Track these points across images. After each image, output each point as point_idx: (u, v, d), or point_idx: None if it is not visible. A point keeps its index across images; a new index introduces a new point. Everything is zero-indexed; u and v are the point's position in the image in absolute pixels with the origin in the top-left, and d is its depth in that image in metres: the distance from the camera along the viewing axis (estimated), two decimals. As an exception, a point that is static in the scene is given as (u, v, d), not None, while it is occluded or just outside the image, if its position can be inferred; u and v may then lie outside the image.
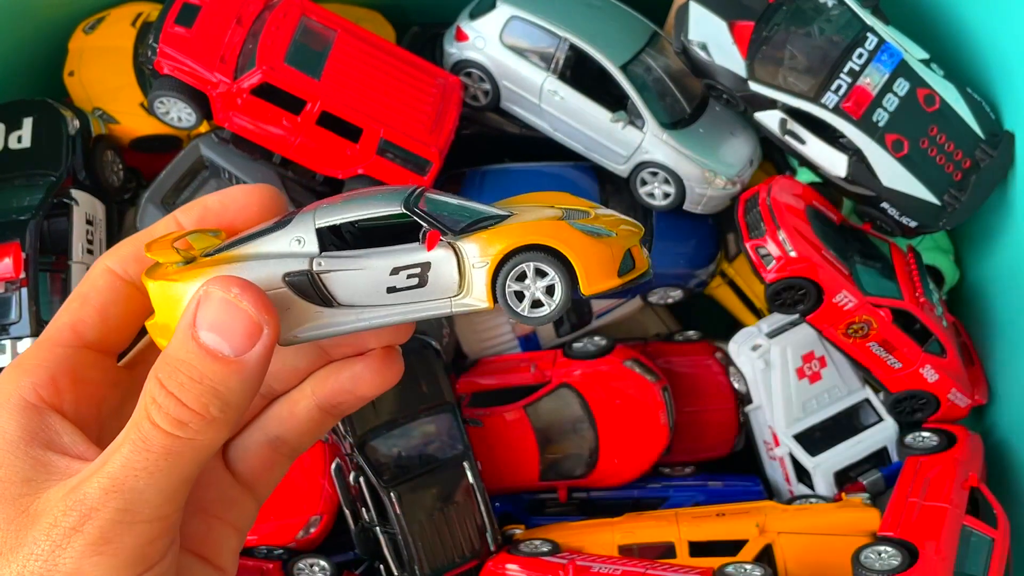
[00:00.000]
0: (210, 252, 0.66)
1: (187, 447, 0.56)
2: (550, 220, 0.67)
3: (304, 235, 0.65)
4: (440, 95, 1.71)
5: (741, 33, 1.61)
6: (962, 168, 1.62)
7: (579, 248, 0.65)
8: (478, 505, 1.56)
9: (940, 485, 1.51)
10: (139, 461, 0.56)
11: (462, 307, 0.66)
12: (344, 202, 0.67)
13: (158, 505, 0.57)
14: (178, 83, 1.62)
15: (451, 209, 0.68)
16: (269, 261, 0.65)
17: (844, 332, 1.64)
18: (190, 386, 0.56)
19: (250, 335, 0.57)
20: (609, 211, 0.73)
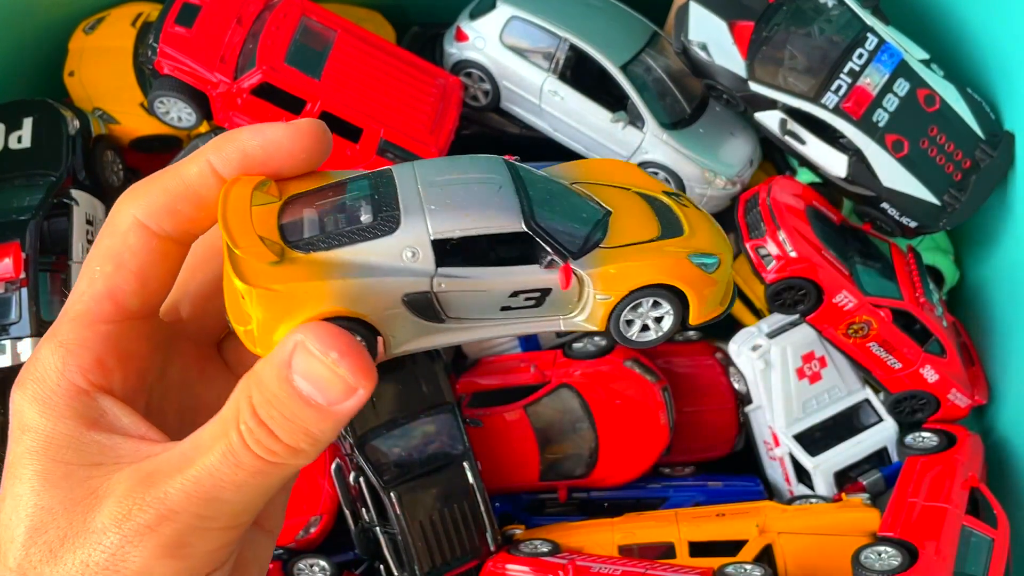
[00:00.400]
0: (302, 243, 0.60)
1: (274, 470, 0.56)
2: (674, 257, 0.67)
3: (418, 247, 0.61)
4: (440, 95, 1.71)
5: (741, 33, 1.61)
6: (962, 168, 1.62)
7: (699, 287, 0.67)
8: (478, 505, 1.56)
9: (940, 485, 1.51)
10: (227, 474, 0.55)
11: (572, 325, 0.67)
12: (452, 198, 0.63)
13: (237, 515, 0.57)
14: (178, 83, 1.62)
15: (555, 203, 0.66)
16: (386, 280, 0.60)
17: (844, 332, 1.64)
18: (282, 423, 0.55)
19: (345, 394, 0.55)
20: (683, 196, 0.74)
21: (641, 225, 0.69)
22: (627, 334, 0.68)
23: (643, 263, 0.66)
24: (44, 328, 1.50)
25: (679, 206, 0.72)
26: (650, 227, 0.69)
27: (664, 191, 0.73)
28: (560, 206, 0.66)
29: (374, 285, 0.60)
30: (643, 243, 0.67)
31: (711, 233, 0.70)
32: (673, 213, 0.71)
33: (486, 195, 0.64)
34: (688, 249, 0.68)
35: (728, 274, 0.69)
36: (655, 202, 0.71)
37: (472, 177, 0.65)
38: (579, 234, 0.65)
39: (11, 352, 1.49)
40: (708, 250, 0.68)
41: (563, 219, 0.65)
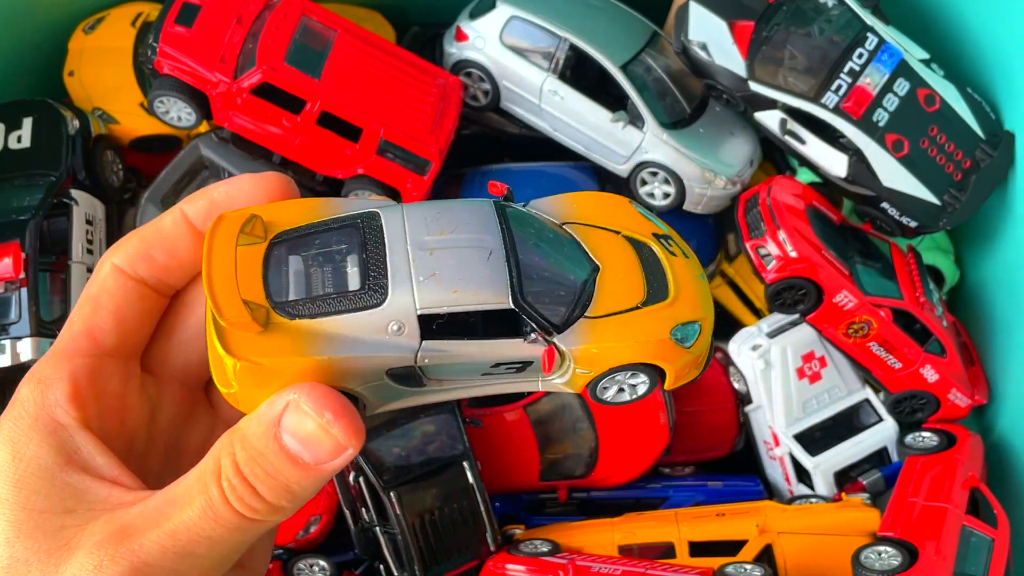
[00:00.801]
0: (291, 311, 0.60)
1: (252, 526, 0.57)
2: (656, 340, 0.67)
3: (404, 322, 0.61)
4: (440, 95, 1.71)
5: (741, 33, 1.61)
6: (962, 168, 1.62)
7: (676, 363, 0.68)
8: (478, 505, 1.56)
9: (940, 485, 1.51)
10: (205, 530, 0.56)
11: (550, 386, 0.69)
12: (441, 267, 0.61)
13: (211, 569, 0.57)
14: (178, 83, 1.62)
15: (545, 265, 0.66)
16: (368, 356, 0.60)
17: (844, 332, 1.64)
18: (265, 480, 0.56)
19: (334, 453, 0.57)
20: (672, 243, 0.73)
21: (627, 287, 0.69)
22: (603, 397, 0.70)
23: (624, 344, 0.66)
24: (44, 328, 1.50)
25: (666, 254, 0.72)
26: (636, 289, 0.69)
27: (654, 232, 0.73)
28: (548, 268, 0.66)
29: (359, 361, 0.60)
30: (627, 311, 0.68)
31: (696, 293, 0.70)
32: (660, 266, 0.71)
33: (475, 266, 0.63)
34: (671, 322, 0.68)
35: (707, 342, 0.70)
36: (643, 251, 0.71)
37: (462, 238, 0.63)
38: (564, 303, 0.66)
39: (11, 352, 1.49)
40: (691, 317, 0.69)
41: (550, 286, 0.65)
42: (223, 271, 0.60)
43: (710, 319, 0.71)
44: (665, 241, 0.73)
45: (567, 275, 0.67)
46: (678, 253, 0.73)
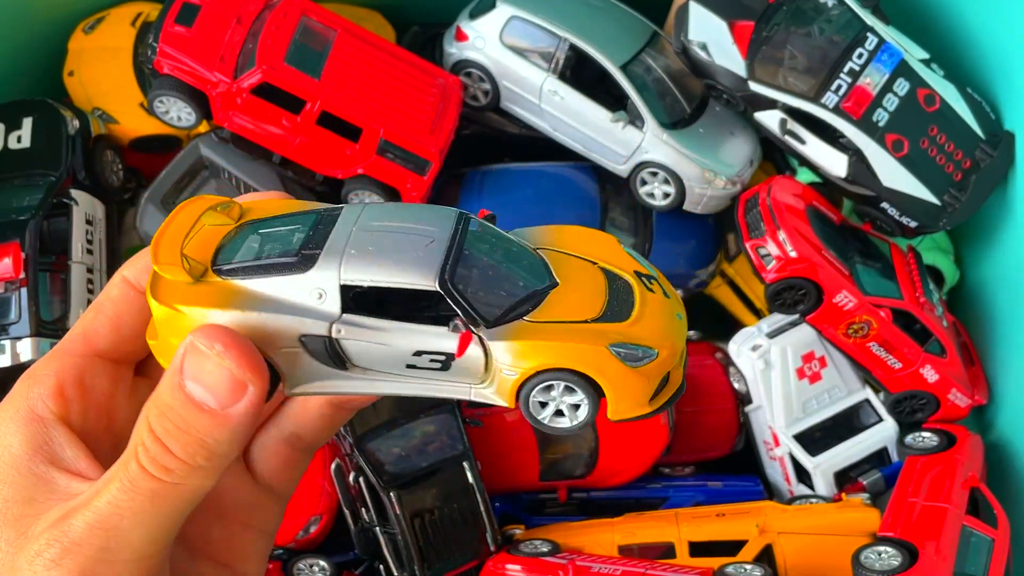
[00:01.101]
0: (224, 270, 0.61)
1: (172, 492, 0.56)
2: (592, 346, 0.62)
3: (326, 288, 0.60)
4: (440, 95, 1.71)
5: (741, 33, 1.61)
6: (962, 168, 1.62)
7: (615, 380, 0.62)
8: (478, 505, 1.56)
9: (940, 485, 1.51)
10: (125, 501, 0.55)
11: (481, 397, 0.64)
12: (376, 246, 0.61)
13: (140, 546, 0.56)
14: (178, 82, 1.62)
15: (493, 267, 0.63)
16: (283, 317, 0.60)
17: (844, 332, 1.64)
18: (176, 434, 0.56)
19: (234, 392, 0.56)
20: (654, 281, 0.69)
21: (583, 304, 0.64)
22: (539, 416, 0.64)
23: (552, 344, 0.61)
24: (43, 328, 1.50)
25: (643, 289, 0.67)
26: (592, 307, 0.64)
27: (637, 270, 0.69)
28: (493, 268, 0.63)
29: (272, 321, 0.60)
30: (573, 323, 0.63)
31: (661, 324, 0.65)
32: (631, 296, 0.66)
33: (411, 247, 0.61)
34: (618, 337, 0.62)
35: (660, 370, 0.63)
36: (616, 281, 0.67)
37: (410, 227, 0.63)
38: (502, 303, 0.62)
39: (10, 352, 1.49)
40: (645, 342, 0.63)
41: (491, 286, 0.62)
42: (177, 228, 0.62)
43: (672, 354, 0.64)
44: (647, 280, 0.69)
45: (515, 280, 0.63)
46: (657, 291, 0.68)
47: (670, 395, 0.65)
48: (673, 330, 0.65)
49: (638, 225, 1.83)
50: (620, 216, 1.83)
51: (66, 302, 1.57)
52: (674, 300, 0.68)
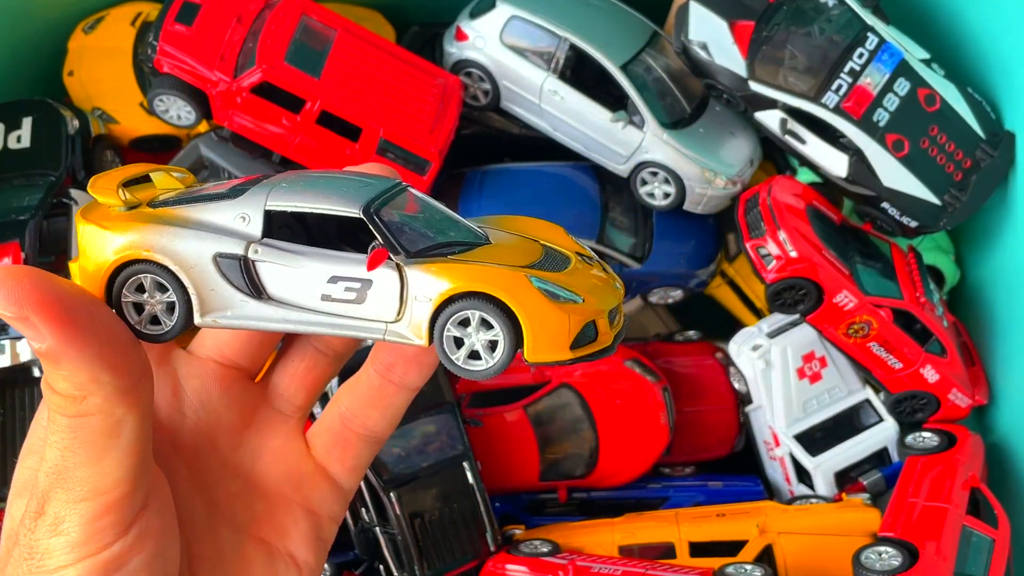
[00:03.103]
0: (158, 202, 0.62)
1: (81, 424, 0.57)
2: (510, 270, 0.60)
3: (251, 213, 0.61)
4: (440, 95, 1.71)
5: (741, 33, 1.61)
6: (963, 168, 1.62)
7: (533, 309, 0.59)
8: (478, 505, 1.55)
9: (941, 485, 1.51)
10: (58, 442, 0.57)
11: (396, 336, 0.61)
12: (307, 184, 0.62)
13: (92, 482, 0.57)
14: (178, 81, 1.62)
15: (422, 222, 0.62)
16: (206, 234, 0.60)
17: (844, 332, 1.64)
18: (50, 378, 0.57)
19: (33, 326, 0.54)
20: (595, 262, 0.67)
21: (513, 257, 0.62)
22: (453, 356, 0.60)
23: (468, 267, 0.59)
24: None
25: (579, 261, 0.66)
26: (522, 259, 0.62)
27: (579, 252, 0.67)
28: (431, 220, 0.63)
29: (188, 235, 0.60)
30: (497, 265, 0.61)
31: (590, 283, 0.62)
32: (566, 263, 0.64)
33: (345, 186, 0.62)
34: (539, 275, 0.60)
35: (593, 312, 0.60)
36: (553, 252, 0.65)
37: (350, 178, 0.63)
38: (427, 242, 0.61)
39: (10, 352, 1.49)
40: (570, 287, 0.60)
41: (420, 226, 0.62)
42: (123, 171, 0.64)
43: (598, 305, 0.60)
44: (587, 259, 0.67)
45: (447, 231, 0.62)
46: (596, 267, 0.66)
47: (597, 348, 0.61)
48: (603, 290, 0.63)
49: (638, 225, 1.83)
50: (620, 216, 1.83)
51: (65, 302, 1.57)
52: (611, 276, 0.67)
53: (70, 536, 0.57)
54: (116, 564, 0.58)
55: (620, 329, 0.64)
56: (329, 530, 0.71)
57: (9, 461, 1.55)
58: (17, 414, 1.56)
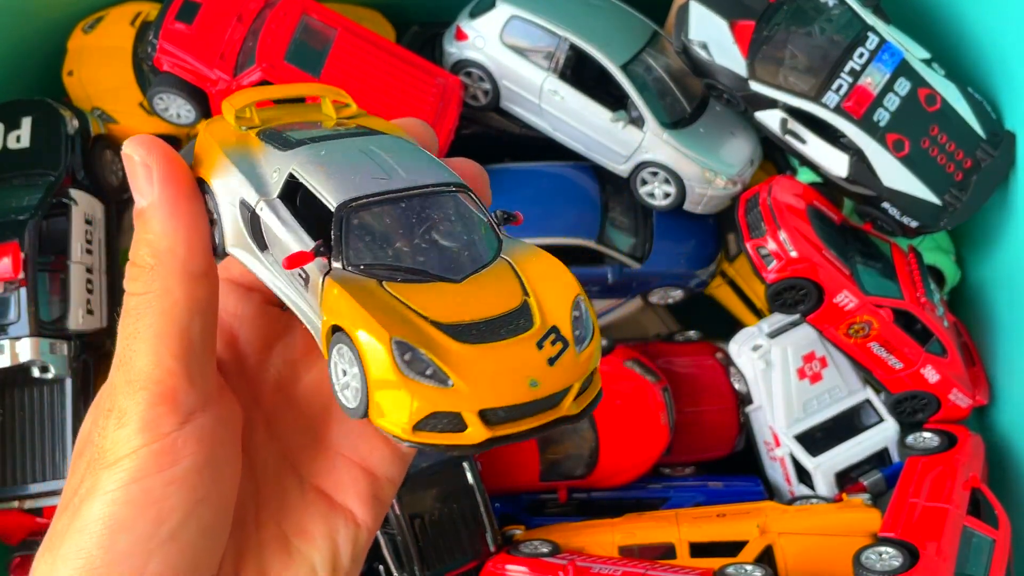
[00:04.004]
0: (260, 131, 0.64)
1: (144, 303, 0.60)
2: (381, 325, 0.53)
3: (281, 171, 0.60)
4: (440, 95, 1.70)
5: (742, 33, 1.61)
6: (963, 168, 1.62)
7: (377, 373, 0.52)
8: (478, 505, 1.55)
9: (941, 486, 1.51)
10: (122, 330, 0.60)
11: (319, 337, 0.59)
12: (343, 156, 0.60)
13: (147, 370, 0.59)
14: (178, 80, 1.62)
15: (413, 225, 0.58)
16: (244, 179, 0.61)
17: (845, 332, 1.64)
18: (134, 246, 0.61)
19: (147, 179, 0.60)
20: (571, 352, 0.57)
21: (458, 306, 0.56)
22: (333, 381, 0.57)
23: (351, 304, 0.54)
24: (43, 328, 1.50)
25: (532, 337, 0.56)
26: (461, 314, 0.56)
27: (555, 327, 0.57)
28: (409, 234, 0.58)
29: (235, 174, 0.62)
30: (411, 309, 0.55)
31: (508, 373, 0.53)
32: (518, 329, 0.56)
33: (359, 173, 0.59)
34: (415, 341, 0.53)
35: (456, 409, 0.52)
36: (524, 312, 0.57)
37: (386, 162, 0.61)
38: (376, 259, 0.56)
39: (10, 352, 1.48)
40: (449, 371, 0.53)
41: (384, 240, 0.57)
42: (263, 92, 0.67)
43: (473, 404, 0.52)
44: (557, 339, 0.57)
45: (416, 256, 0.57)
46: (559, 356, 0.56)
47: (458, 443, 0.53)
48: (515, 382, 0.53)
49: (638, 225, 1.83)
50: (620, 216, 1.83)
51: (65, 302, 1.57)
52: (569, 370, 0.56)
53: (130, 427, 0.59)
54: (170, 458, 0.59)
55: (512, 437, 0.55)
56: (387, 492, 0.71)
57: (9, 461, 1.55)
58: (17, 414, 1.56)
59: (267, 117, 0.67)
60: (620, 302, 1.89)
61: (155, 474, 0.58)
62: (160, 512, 0.58)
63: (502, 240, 0.62)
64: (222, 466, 0.62)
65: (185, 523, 0.59)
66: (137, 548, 0.57)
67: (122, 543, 0.57)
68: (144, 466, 0.58)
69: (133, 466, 0.58)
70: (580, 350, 0.56)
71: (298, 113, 0.68)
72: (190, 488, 0.59)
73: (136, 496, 0.58)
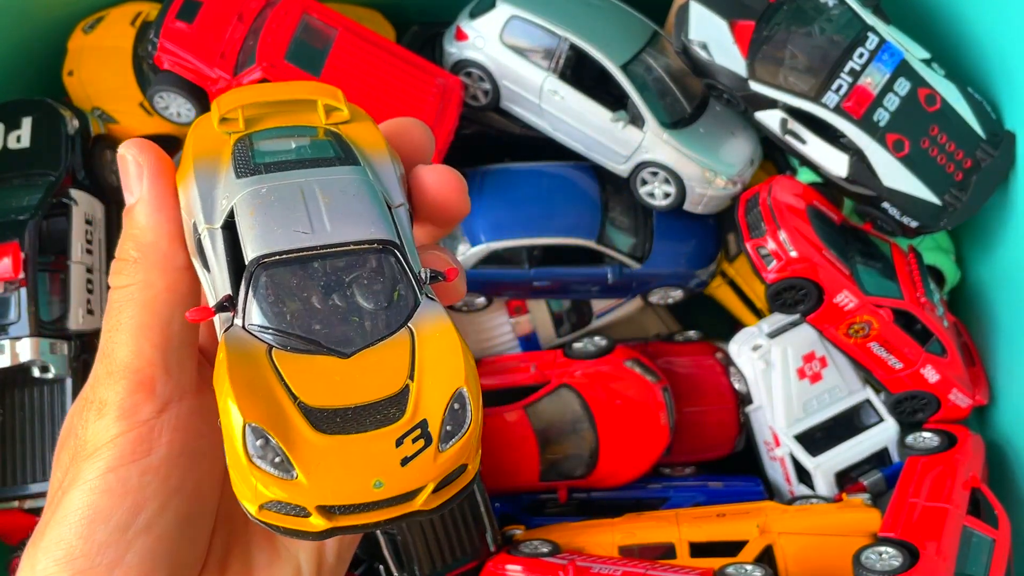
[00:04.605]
0: (240, 139, 0.64)
1: (127, 295, 0.61)
2: (248, 400, 0.53)
3: (229, 200, 0.60)
4: (440, 95, 1.70)
5: (742, 33, 1.61)
6: (963, 168, 1.62)
7: (231, 456, 0.53)
8: (478, 505, 1.55)
9: (941, 485, 1.51)
10: (106, 323, 0.62)
11: None
12: (281, 198, 0.59)
13: (127, 360, 0.60)
14: (178, 78, 1.62)
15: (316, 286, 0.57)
16: (198, 197, 0.61)
17: (845, 332, 1.64)
18: (120, 242, 0.63)
19: (138, 177, 0.63)
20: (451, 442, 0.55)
21: (334, 382, 0.54)
22: None
23: (229, 379, 0.53)
24: (43, 328, 1.50)
25: (397, 431, 0.54)
26: (335, 397, 0.54)
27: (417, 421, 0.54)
28: (309, 295, 0.57)
29: (193, 192, 0.62)
30: (284, 385, 0.54)
31: (360, 467, 0.52)
32: (384, 421, 0.54)
33: (286, 222, 0.58)
34: (270, 428, 0.52)
35: (296, 497, 0.52)
36: (397, 402, 0.55)
37: (314, 210, 0.59)
38: (278, 322, 0.56)
39: (10, 352, 1.48)
40: (296, 463, 0.52)
41: (285, 296, 0.56)
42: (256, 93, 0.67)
43: (315, 499, 0.52)
44: (422, 433, 0.54)
45: (323, 318, 0.56)
46: (436, 438, 0.54)
47: (299, 528, 0.53)
48: (353, 485, 0.52)
49: (638, 225, 1.83)
50: (620, 216, 1.83)
51: (65, 302, 1.57)
52: (423, 470, 0.53)
53: (109, 416, 0.60)
54: (146, 446, 0.60)
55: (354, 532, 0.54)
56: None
57: (9, 461, 1.55)
58: (17, 414, 1.56)
59: (253, 117, 0.66)
60: (620, 302, 1.90)
61: (131, 463, 0.59)
62: (136, 501, 0.59)
63: (418, 304, 0.59)
64: (198, 457, 0.63)
65: (161, 513, 0.60)
66: (115, 537, 0.58)
67: (100, 533, 0.58)
68: (121, 455, 0.59)
69: (111, 455, 0.59)
70: (444, 447, 0.54)
71: (287, 115, 0.67)
72: (164, 477, 0.60)
73: (113, 485, 0.58)
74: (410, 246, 0.61)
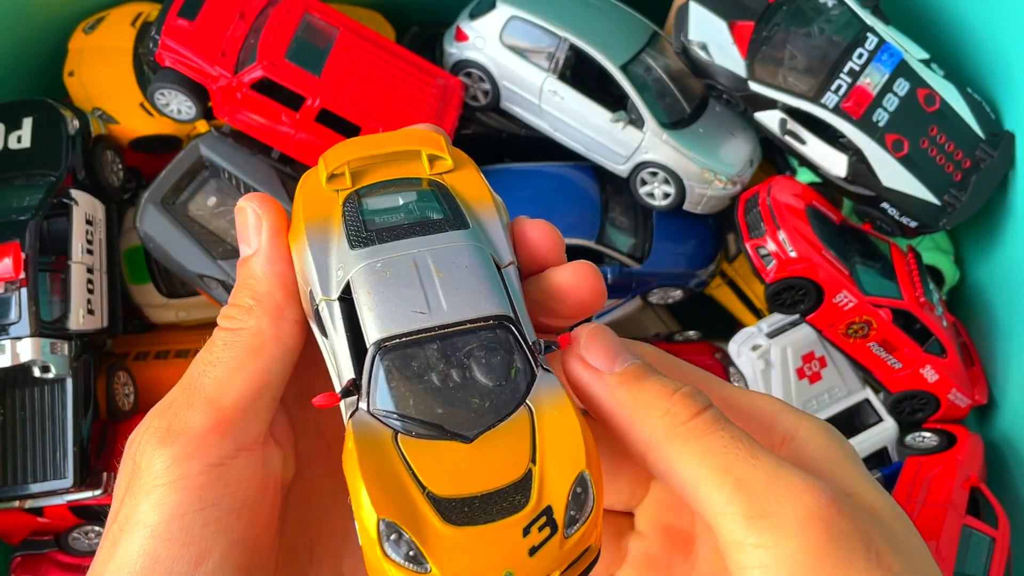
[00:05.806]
0: (347, 196, 0.63)
1: (233, 336, 0.60)
2: (378, 494, 0.52)
3: (345, 271, 0.58)
4: (440, 95, 1.71)
5: (741, 33, 1.61)
6: (962, 168, 1.62)
7: (366, 550, 0.52)
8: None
9: (940, 485, 1.51)
10: (201, 356, 0.61)
11: None
12: (383, 281, 0.57)
13: (212, 394, 0.58)
14: (179, 75, 1.62)
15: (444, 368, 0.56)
16: (315, 266, 0.59)
17: (844, 332, 1.64)
18: (235, 292, 0.63)
19: (256, 229, 0.63)
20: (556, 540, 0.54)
21: (459, 470, 0.54)
22: None
23: (354, 463, 0.53)
24: (43, 328, 1.50)
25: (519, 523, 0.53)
26: (462, 485, 0.54)
27: (549, 508, 0.54)
28: (435, 379, 0.56)
29: (307, 257, 0.61)
30: (412, 474, 0.53)
31: (493, 562, 0.51)
32: (511, 509, 0.53)
33: (403, 301, 0.57)
34: (406, 525, 0.52)
35: None
36: (522, 487, 0.54)
37: (429, 288, 0.58)
38: (400, 407, 0.55)
39: (11, 352, 1.48)
40: (431, 559, 0.51)
41: (409, 380, 0.55)
42: (367, 147, 0.65)
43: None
44: (546, 522, 0.54)
45: (435, 402, 0.55)
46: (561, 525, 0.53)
47: None
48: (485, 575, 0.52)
49: (638, 225, 1.83)
50: (620, 216, 1.83)
51: (66, 302, 1.57)
52: (550, 559, 0.53)
53: (176, 446, 0.57)
54: (213, 494, 0.57)
55: None
56: None
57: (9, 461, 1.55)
58: (17, 414, 1.56)
59: (359, 171, 0.65)
60: (620, 302, 1.90)
61: (198, 511, 0.56)
62: (199, 552, 0.56)
63: (535, 379, 0.58)
64: (260, 509, 0.60)
65: (222, 564, 0.57)
66: None
67: None
68: (187, 500, 0.56)
69: (175, 499, 0.56)
70: (569, 534, 0.53)
71: (392, 166, 0.65)
72: (227, 528, 0.57)
73: (176, 534, 0.55)
74: (521, 310, 0.59)
